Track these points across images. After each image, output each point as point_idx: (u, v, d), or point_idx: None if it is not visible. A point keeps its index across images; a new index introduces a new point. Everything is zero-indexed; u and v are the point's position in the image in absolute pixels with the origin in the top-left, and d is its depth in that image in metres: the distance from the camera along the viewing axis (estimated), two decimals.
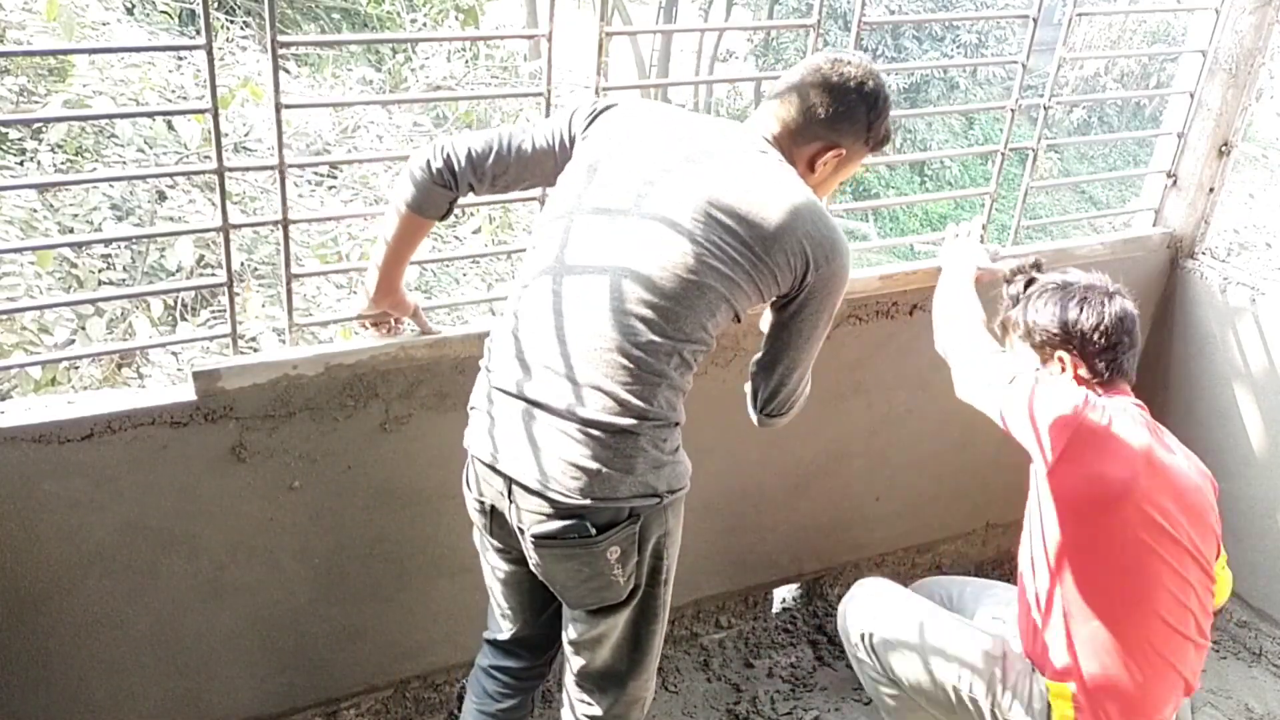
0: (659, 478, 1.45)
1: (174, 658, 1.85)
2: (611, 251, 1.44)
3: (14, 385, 3.10)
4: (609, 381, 1.40)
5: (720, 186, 1.44)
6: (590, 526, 1.42)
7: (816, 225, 1.46)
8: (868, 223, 12.93)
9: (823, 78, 1.54)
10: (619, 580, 1.48)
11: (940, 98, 13.06)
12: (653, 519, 1.47)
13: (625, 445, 1.41)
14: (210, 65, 1.51)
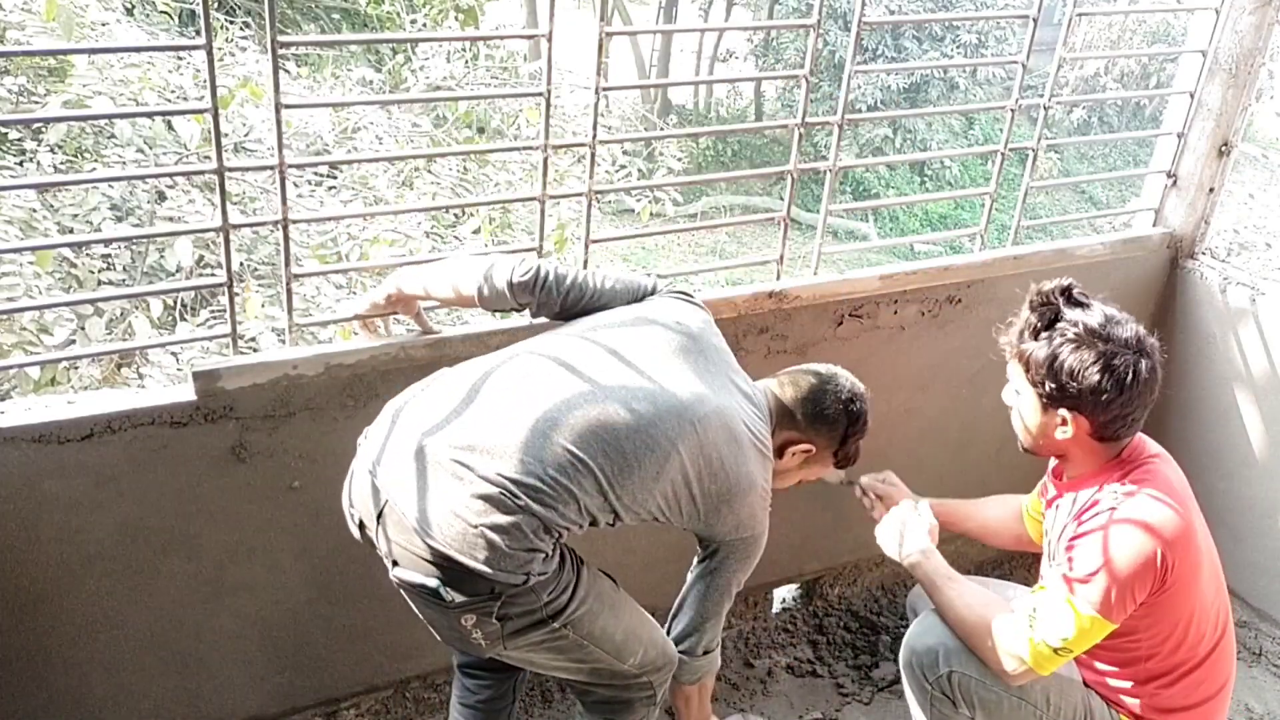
0: (531, 564, 1.40)
1: (174, 657, 1.85)
2: (617, 388, 1.50)
3: (13, 385, 3.10)
4: (522, 466, 1.41)
5: (727, 419, 1.57)
6: (445, 590, 1.39)
7: (749, 515, 1.63)
8: (868, 223, 12.94)
9: (820, 381, 1.72)
10: (479, 643, 1.46)
11: (940, 98, 13.06)
12: (519, 597, 1.42)
13: (506, 520, 1.38)
14: (210, 65, 1.51)
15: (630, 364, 1.53)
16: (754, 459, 1.59)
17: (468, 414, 1.46)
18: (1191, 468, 1.80)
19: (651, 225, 6.45)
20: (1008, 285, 2.38)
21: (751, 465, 1.59)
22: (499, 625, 1.44)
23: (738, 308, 2.05)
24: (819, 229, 2.20)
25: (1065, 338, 1.60)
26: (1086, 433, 1.64)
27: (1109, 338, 1.58)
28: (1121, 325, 1.60)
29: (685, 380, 1.55)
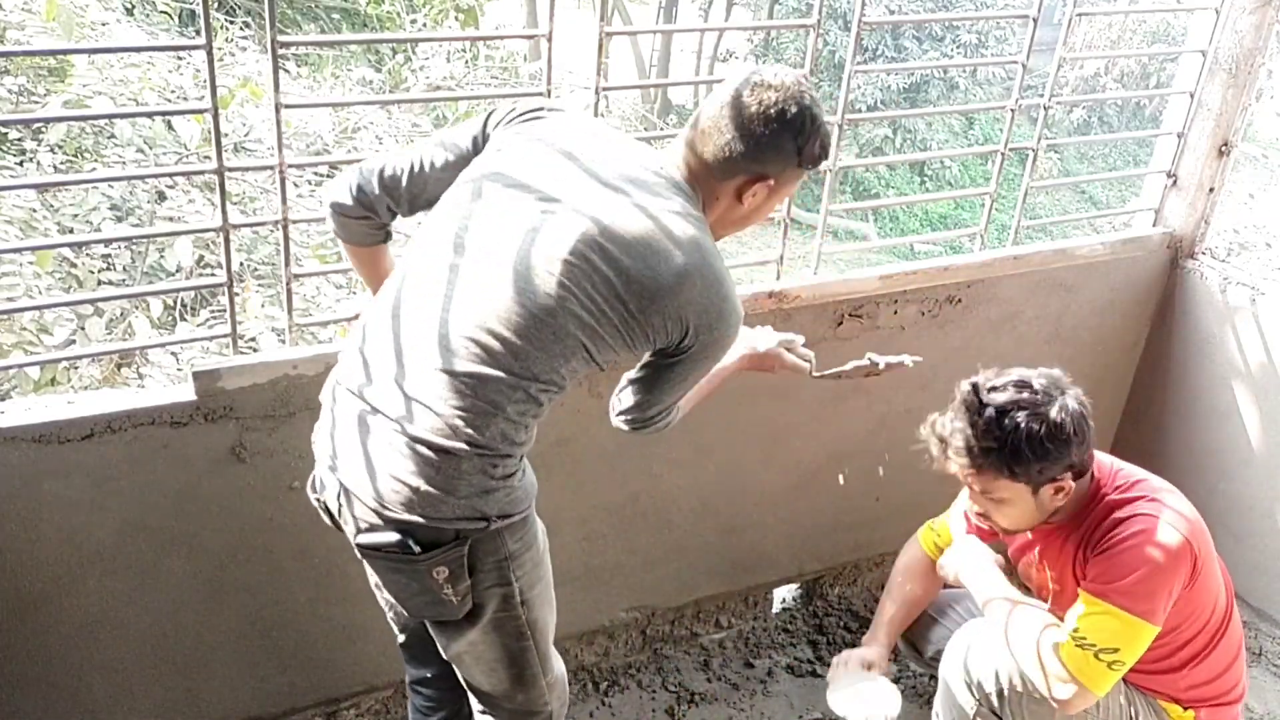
0: (487, 502, 1.38)
1: (174, 657, 1.85)
2: (474, 273, 1.36)
3: (13, 385, 3.10)
4: (440, 403, 1.34)
5: (610, 231, 1.34)
6: (413, 544, 1.37)
7: (705, 293, 1.37)
8: (868, 223, 12.93)
9: (742, 108, 1.39)
10: (452, 600, 1.43)
11: (940, 98, 13.05)
12: (484, 543, 1.41)
13: (448, 467, 1.35)
14: (210, 65, 1.51)
15: (490, 252, 1.37)
16: (677, 247, 1.36)
17: (381, 361, 1.40)
18: (1191, 468, 1.81)
19: None
20: (1008, 285, 2.38)
21: (674, 259, 1.35)
22: (470, 579, 1.42)
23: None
24: (819, 229, 2.20)
25: (1015, 422, 1.58)
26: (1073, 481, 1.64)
27: (1036, 393, 1.59)
28: (1027, 384, 1.61)
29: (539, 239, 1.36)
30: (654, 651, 2.42)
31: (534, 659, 1.55)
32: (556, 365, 1.37)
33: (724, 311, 1.41)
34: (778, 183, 1.45)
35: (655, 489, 2.20)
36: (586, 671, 2.34)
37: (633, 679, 2.35)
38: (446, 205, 1.43)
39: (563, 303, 1.33)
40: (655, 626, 2.40)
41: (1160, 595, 1.58)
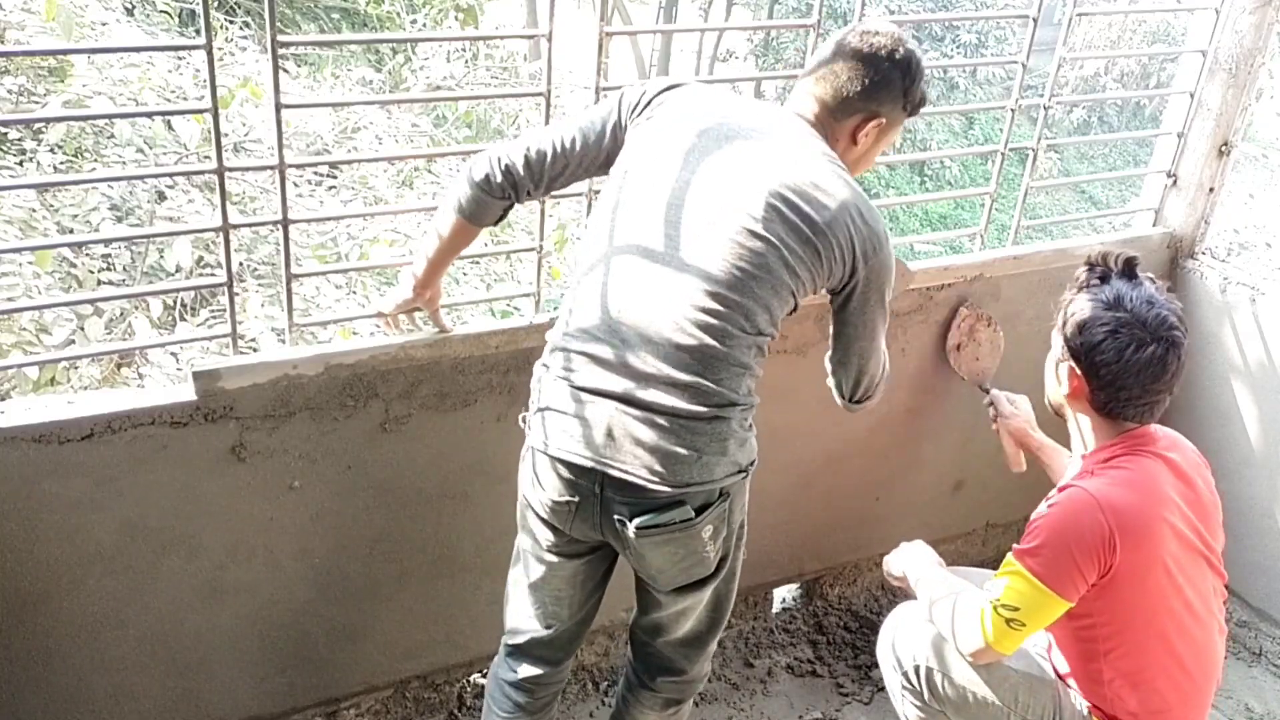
0: (743, 453, 1.52)
1: (174, 657, 1.85)
2: (679, 247, 1.46)
3: (13, 385, 3.10)
4: (698, 377, 1.43)
5: (778, 179, 1.47)
6: (691, 510, 1.46)
7: (864, 218, 1.51)
8: None
9: (854, 51, 1.55)
10: (710, 556, 1.53)
11: (940, 98, 13.03)
12: (737, 491, 1.54)
13: (720, 429, 1.46)
14: (210, 65, 1.51)
15: (696, 223, 1.47)
16: (834, 185, 1.50)
17: (622, 352, 1.46)
18: None
19: None
20: (1008, 285, 2.38)
21: (836, 195, 1.49)
22: (726, 530, 1.54)
23: None
24: None
25: (1096, 298, 1.66)
26: (1085, 398, 1.68)
27: (1132, 311, 1.62)
28: (1154, 307, 1.63)
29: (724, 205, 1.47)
30: None
31: (732, 601, 1.68)
32: (775, 315, 1.50)
33: (881, 234, 1.54)
34: (887, 123, 1.59)
35: None
36: (586, 671, 2.34)
37: None
38: (621, 196, 1.51)
39: (772, 257, 1.45)
40: None
41: (1065, 567, 1.58)
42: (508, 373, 1.89)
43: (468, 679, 2.24)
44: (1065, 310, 1.70)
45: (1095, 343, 1.62)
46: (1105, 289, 1.66)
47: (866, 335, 1.63)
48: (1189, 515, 1.67)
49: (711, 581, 1.58)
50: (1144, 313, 1.62)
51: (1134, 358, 1.60)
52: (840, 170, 1.53)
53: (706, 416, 1.45)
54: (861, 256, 1.51)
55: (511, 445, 1.97)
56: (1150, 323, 1.61)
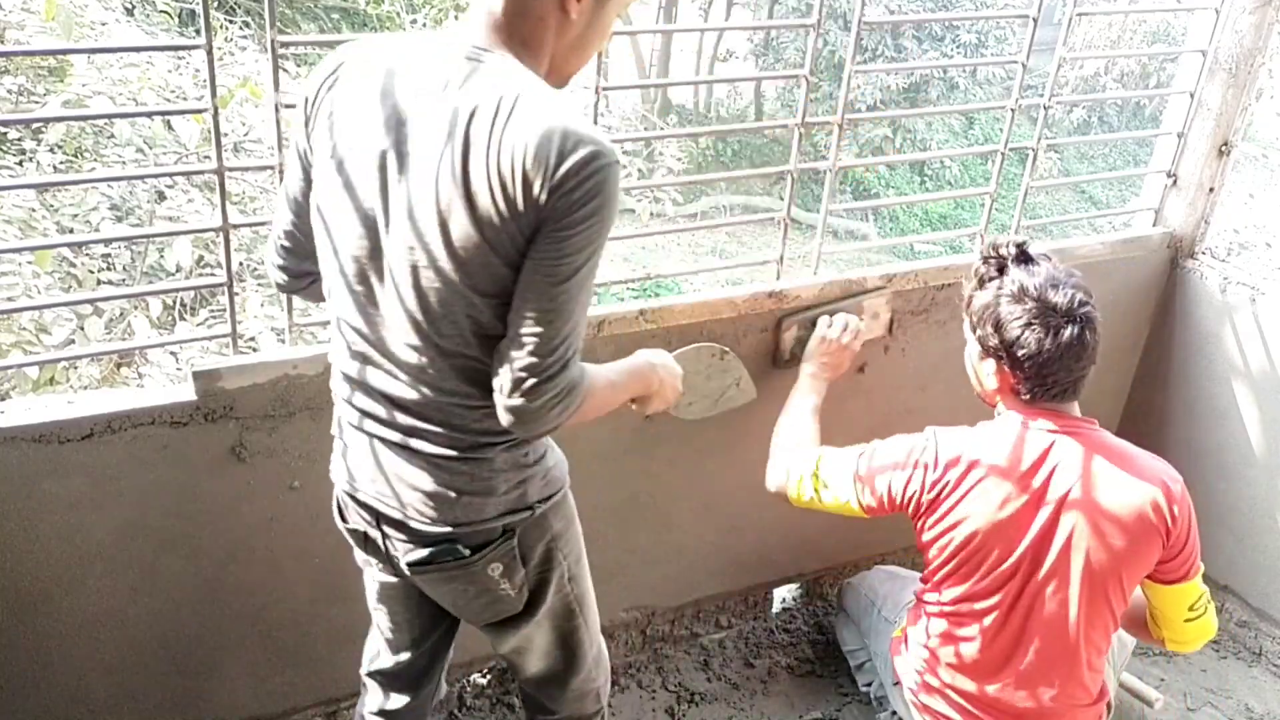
0: (526, 491, 1.36)
1: (174, 657, 1.85)
2: (390, 284, 1.24)
3: (13, 385, 3.10)
4: (448, 411, 1.28)
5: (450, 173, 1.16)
6: (463, 549, 1.35)
7: (530, 128, 1.13)
8: (868, 223, 12.94)
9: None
10: (509, 594, 1.41)
11: (940, 98, 13.04)
12: (531, 530, 1.40)
13: (479, 470, 1.31)
14: (210, 65, 1.51)
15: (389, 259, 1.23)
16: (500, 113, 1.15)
17: (369, 384, 1.31)
18: (1191, 468, 1.81)
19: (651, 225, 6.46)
20: None
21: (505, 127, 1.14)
22: (524, 570, 1.41)
23: (738, 308, 2.05)
24: (819, 229, 2.19)
25: (1003, 291, 1.66)
26: (1010, 388, 1.70)
27: (1040, 299, 1.63)
28: (1059, 289, 1.63)
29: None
30: (654, 651, 2.42)
31: (584, 636, 1.56)
32: (487, 335, 1.25)
33: (573, 137, 1.13)
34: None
35: (655, 489, 2.20)
36: None
37: (633, 679, 2.35)
38: (322, 236, 1.30)
39: (466, 274, 1.19)
40: (655, 626, 2.40)
41: (882, 473, 1.75)
42: None
43: (468, 679, 2.24)
44: (973, 307, 1.71)
45: (1015, 338, 1.64)
46: (1006, 280, 1.67)
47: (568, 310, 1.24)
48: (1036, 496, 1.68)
49: (528, 619, 1.46)
50: (1051, 297, 1.63)
51: (1053, 344, 1.62)
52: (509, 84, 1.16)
53: (459, 458, 1.30)
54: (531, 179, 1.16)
55: None
56: (1060, 306, 1.62)
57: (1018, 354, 1.64)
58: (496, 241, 1.17)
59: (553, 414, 1.22)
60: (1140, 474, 1.67)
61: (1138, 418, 2.77)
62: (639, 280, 2.73)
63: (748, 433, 2.23)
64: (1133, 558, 1.66)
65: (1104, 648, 1.76)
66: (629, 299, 2.42)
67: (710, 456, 2.22)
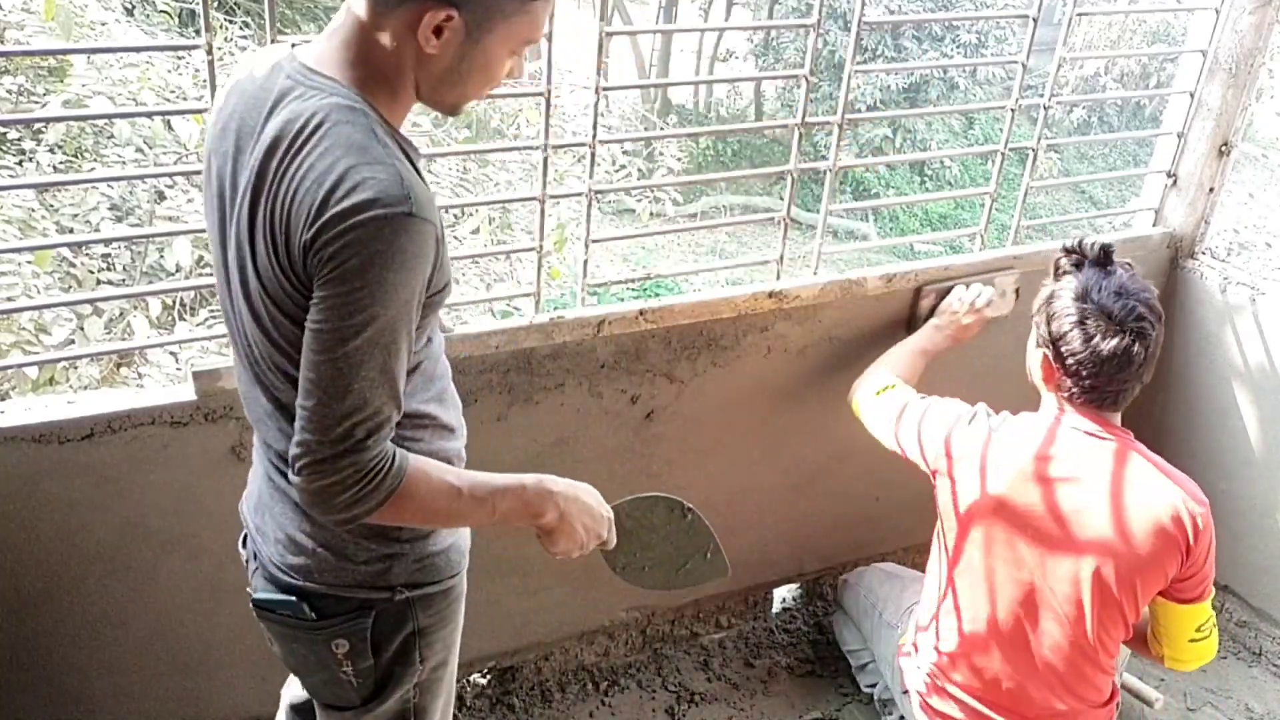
0: (391, 569, 1.22)
1: (174, 657, 1.85)
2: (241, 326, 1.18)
3: (12, 385, 3.10)
4: None
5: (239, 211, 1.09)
6: (307, 609, 1.21)
7: (306, 167, 1.02)
8: (868, 223, 12.94)
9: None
10: (351, 680, 1.26)
11: (940, 98, 13.04)
12: (392, 615, 1.24)
13: (333, 532, 1.18)
14: (210, 65, 1.51)
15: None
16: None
17: (250, 406, 1.23)
18: (1192, 468, 1.80)
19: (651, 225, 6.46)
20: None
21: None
22: (373, 659, 1.25)
23: (738, 308, 2.05)
24: (819, 229, 2.19)
25: (1069, 287, 1.68)
26: (1054, 381, 1.71)
27: (1099, 303, 1.63)
28: (1122, 297, 1.63)
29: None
30: (654, 651, 2.42)
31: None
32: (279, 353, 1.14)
33: (341, 189, 0.99)
34: (475, 20, 1.05)
35: (655, 489, 2.19)
36: (586, 671, 2.34)
37: (633, 679, 2.35)
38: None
39: (261, 324, 1.12)
40: (655, 626, 2.40)
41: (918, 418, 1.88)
42: (508, 372, 1.89)
43: (468, 679, 2.24)
44: (1040, 296, 1.74)
45: (1062, 333, 1.65)
46: (1078, 278, 1.68)
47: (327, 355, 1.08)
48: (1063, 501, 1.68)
49: (358, 714, 1.31)
50: (1110, 304, 1.62)
51: (1097, 349, 1.62)
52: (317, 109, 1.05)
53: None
54: (300, 227, 1.05)
55: (513, 445, 1.97)
56: (1116, 314, 1.62)
57: (1061, 349, 1.66)
58: (276, 294, 1.06)
59: (339, 501, 1.06)
60: (1168, 487, 1.66)
61: (1138, 417, 2.76)
62: (639, 280, 2.73)
63: (748, 433, 2.23)
64: (1151, 567, 1.65)
65: (1115, 650, 1.76)
66: (629, 299, 2.42)
67: (710, 456, 2.22)
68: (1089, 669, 1.73)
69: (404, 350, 1.07)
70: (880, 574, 2.26)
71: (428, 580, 1.25)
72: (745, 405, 2.17)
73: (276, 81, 1.08)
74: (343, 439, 1.04)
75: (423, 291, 1.07)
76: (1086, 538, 1.66)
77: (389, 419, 1.07)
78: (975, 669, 1.79)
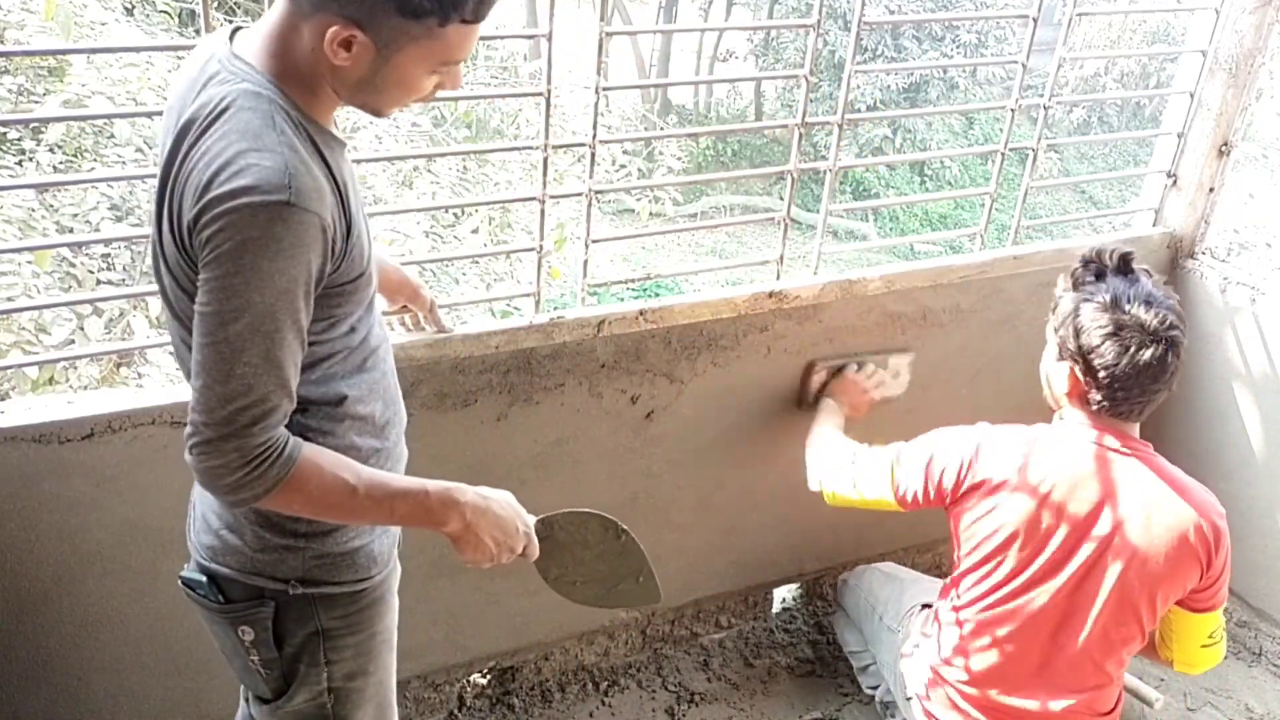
0: (287, 562, 1.21)
1: (174, 657, 1.85)
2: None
3: (12, 385, 3.10)
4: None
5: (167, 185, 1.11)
6: (216, 590, 1.23)
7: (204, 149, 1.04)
8: (868, 223, 12.94)
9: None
10: (259, 671, 1.27)
11: (940, 98, 13.06)
12: (292, 611, 1.23)
13: (236, 513, 1.20)
14: None
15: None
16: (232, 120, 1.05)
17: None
18: (1191, 468, 1.80)
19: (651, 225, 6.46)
20: (1008, 285, 2.38)
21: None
22: (277, 650, 1.25)
23: (738, 308, 2.05)
24: (819, 229, 2.19)
25: (1093, 298, 1.62)
26: (1080, 394, 1.67)
27: (1131, 313, 1.59)
28: (1153, 307, 1.60)
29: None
30: (654, 651, 2.42)
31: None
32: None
33: (224, 173, 1.01)
34: (387, 40, 1.05)
35: (655, 489, 2.20)
36: (586, 671, 2.34)
37: (633, 679, 2.35)
38: None
39: (170, 302, 1.17)
40: (655, 626, 2.40)
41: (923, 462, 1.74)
42: (508, 372, 1.89)
43: (468, 679, 2.24)
44: (1062, 309, 1.67)
45: (1094, 346, 1.60)
46: (1102, 287, 1.63)
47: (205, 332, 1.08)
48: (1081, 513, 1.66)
49: (273, 709, 1.31)
50: (1143, 314, 1.59)
51: (1134, 360, 1.58)
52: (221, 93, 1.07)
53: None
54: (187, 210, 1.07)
55: (512, 445, 1.97)
56: (1150, 324, 1.59)
57: (1094, 362, 1.60)
58: (176, 271, 1.10)
59: (225, 484, 1.06)
60: (1189, 501, 1.64)
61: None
62: (639, 280, 2.73)
63: (748, 434, 2.23)
64: (1170, 579, 1.64)
65: (1127, 661, 1.75)
66: (629, 299, 2.42)
67: (710, 456, 2.22)
68: (1102, 680, 1.72)
69: (289, 339, 1.06)
70: (880, 576, 2.24)
71: (327, 579, 1.24)
72: (745, 405, 2.17)
73: (209, 67, 1.11)
74: (227, 422, 1.04)
75: (309, 282, 1.06)
76: (1114, 555, 1.64)
77: (277, 407, 1.07)
78: (993, 682, 1.77)
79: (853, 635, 2.26)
